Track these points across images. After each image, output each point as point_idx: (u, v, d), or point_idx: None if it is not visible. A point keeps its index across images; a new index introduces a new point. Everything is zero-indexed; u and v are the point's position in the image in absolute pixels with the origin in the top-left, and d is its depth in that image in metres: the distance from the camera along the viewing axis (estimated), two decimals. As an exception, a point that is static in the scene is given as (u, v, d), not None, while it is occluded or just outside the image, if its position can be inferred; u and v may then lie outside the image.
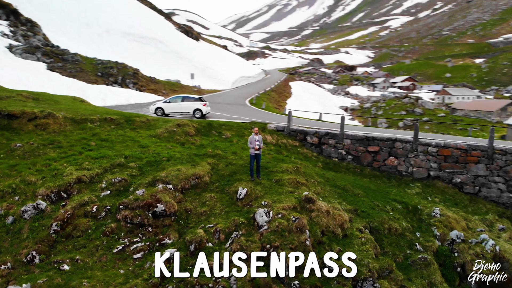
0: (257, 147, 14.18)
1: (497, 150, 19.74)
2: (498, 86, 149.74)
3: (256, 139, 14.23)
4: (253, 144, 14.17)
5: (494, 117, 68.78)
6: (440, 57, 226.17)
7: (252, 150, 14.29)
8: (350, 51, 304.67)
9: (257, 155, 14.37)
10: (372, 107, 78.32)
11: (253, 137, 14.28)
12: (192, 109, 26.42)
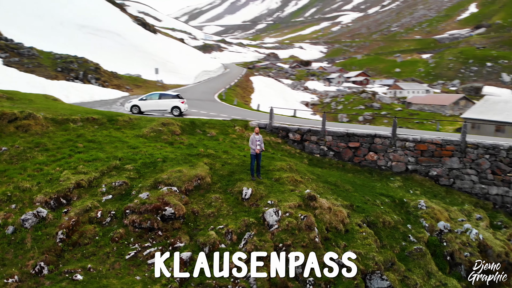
0: (259, 147, 14.29)
1: (469, 144, 21.15)
2: (444, 80, 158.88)
3: (257, 139, 14.34)
4: (255, 145, 14.26)
5: (448, 110, 73.29)
6: (389, 53, 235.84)
7: (253, 150, 14.35)
8: (304, 46, 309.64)
9: (258, 155, 14.50)
10: (332, 102, 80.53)
11: (254, 137, 14.36)
12: (170, 106, 25.96)
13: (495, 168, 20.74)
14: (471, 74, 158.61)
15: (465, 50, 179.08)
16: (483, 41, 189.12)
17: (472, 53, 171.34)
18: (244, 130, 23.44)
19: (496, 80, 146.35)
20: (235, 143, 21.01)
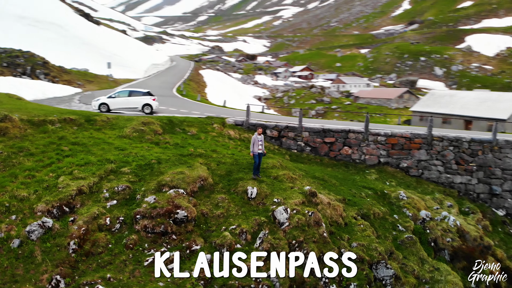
0: (260, 147, 14.44)
1: (435, 137, 22.85)
2: (382, 74, 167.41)
3: (259, 139, 14.49)
4: (256, 145, 14.39)
5: (393, 104, 77.81)
6: (330, 47, 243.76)
7: (255, 150, 14.46)
8: (247, 39, 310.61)
9: (260, 154, 14.66)
10: (284, 96, 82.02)
11: (256, 138, 14.49)
12: (141, 104, 25.25)
13: (458, 159, 22.63)
14: (406, 68, 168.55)
15: (400, 45, 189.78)
16: (416, 37, 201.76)
17: (407, 48, 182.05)
18: (222, 127, 23.43)
19: (430, 74, 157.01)
20: (218, 141, 20.99)
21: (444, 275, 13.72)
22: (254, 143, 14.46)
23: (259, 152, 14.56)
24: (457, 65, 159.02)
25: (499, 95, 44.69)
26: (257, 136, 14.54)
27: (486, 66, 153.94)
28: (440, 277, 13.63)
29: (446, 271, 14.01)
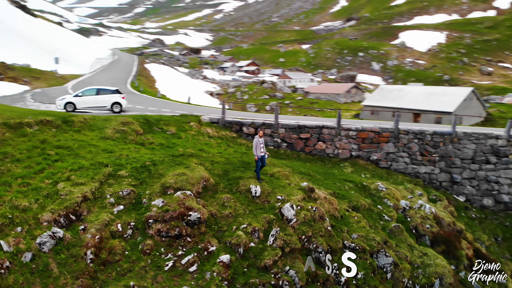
0: (262, 150, 14.54)
1: (401, 131, 24.41)
2: (324, 70, 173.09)
3: (261, 142, 14.58)
4: (259, 149, 14.45)
5: (341, 98, 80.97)
6: (273, 43, 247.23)
7: (256, 155, 14.53)
8: (189, 33, 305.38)
9: (263, 157, 14.72)
10: (237, 91, 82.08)
11: (257, 141, 14.46)
12: (109, 102, 24.29)
13: (422, 151, 24.39)
14: (346, 64, 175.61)
15: (340, 41, 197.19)
16: (354, 33, 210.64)
17: (346, 44, 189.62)
18: (199, 125, 23.27)
19: (368, 69, 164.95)
20: (199, 139, 20.87)
21: (432, 259, 14.92)
22: (256, 146, 14.40)
23: (262, 154, 14.62)
24: (393, 60, 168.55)
25: (444, 89, 48.46)
26: (258, 139, 14.56)
27: (419, 61, 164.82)
28: (429, 261, 14.80)
29: (433, 255, 15.24)
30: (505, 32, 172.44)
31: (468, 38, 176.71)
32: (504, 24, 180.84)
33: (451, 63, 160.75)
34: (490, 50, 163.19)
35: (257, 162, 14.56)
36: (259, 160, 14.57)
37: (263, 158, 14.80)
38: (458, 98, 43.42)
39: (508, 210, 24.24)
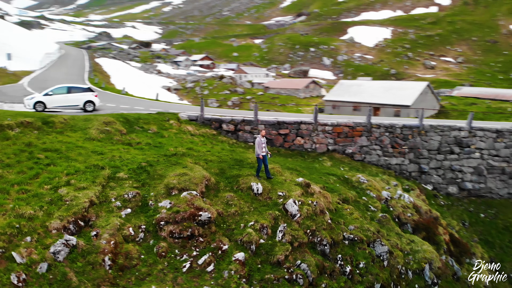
0: (264, 150, 14.70)
1: (373, 125, 25.57)
2: (277, 64, 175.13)
3: (263, 142, 14.73)
4: (261, 148, 14.58)
5: (301, 93, 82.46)
6: (225, 37, 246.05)
7: (258, 154, 14.64)
8: (137, 25, 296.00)
9: (264, 156, 14.86)
10: (195, 86, 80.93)
11: (260, 140, 14.58)
12: (82, 101, 23.37)
13: (393, 143, 25.72)
14: (298, 59, 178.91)
15: (291, 36, 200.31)
16: (305, 28, 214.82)
17: (297, 39, 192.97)
18: (179, 123, 23.03)
19: (319, 64, 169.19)
20: (183, 138, 20.69)
21: (420, 246, 15.96)
22: (258, 146, 14.53)
23: (263, 154, 14.76)
24: (342, 55, 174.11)
25: (401, 84, 51.01)
26: (261, 138, 14.70)
27: (367, 56, 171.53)
28: (417, 248, 15.82)
29: (420, 242, 16.29)
30: (447, 27, 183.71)
31: (412, 33, 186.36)
32: (446, 20, 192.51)
33: (397, 57, 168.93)
34: (432, 45, 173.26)
35: (259, 161, 14.71)
36: (263, 159, 14.70)
37: (264, 158, 14.89)
38: (415, 92, 46.08)
39: (471, 196, 26.26)
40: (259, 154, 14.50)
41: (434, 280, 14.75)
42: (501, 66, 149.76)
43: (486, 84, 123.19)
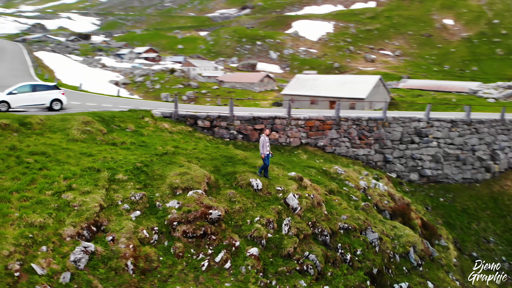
0: (268, 149, 14.93)
1: (342, 118, 26.72)
2: (224, 57, 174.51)
3: (267, 141, 14.95)
4: (265, 147, 14.81)
5: (256, 87, 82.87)
6: (168, 29, 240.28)
7: (263, 153, 14.85)
8: (72, 16, 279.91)
9: (268, 155, 15.10)
10: (145, 80, 78.38)
11: (264, 139, 14.79)
12: (48, 100, 22.23)
13: (360, 135, 27.08)
14: (245, 52, 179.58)
15: (237, 29, 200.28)
16: (251, 21, 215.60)
17: (244, 33, 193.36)
18: (154, 121, 22.66)
19: (266, 57, 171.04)
20: (162, 136, 20.45)
21: (402, 231, 17.16)
22: (263, 145, 14.73)
23: (266, 153, 15.00)
24: (288, 49, 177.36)
25: (355, 78, 53.31)
26: (265, 137, 14.90)
27: (311, 50, 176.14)
28: (400, 233, 17.00)
29: (402, 227, 17.52)
30: (385, 22, 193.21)
31: (353, 28, 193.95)
32: (383, 14, 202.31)
33: (339, 51, 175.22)
34: (372, 39, 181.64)
35: (264, 160, 14.96)
36: (266, 158, 14.93)
37: (267, 157, 15.07)
38: (369, 85, 48.48)
39: (430, 182, 28.40)
40: (263, 153, 14.76)
41: (419, 262, 16.00)
42: (435, 59, 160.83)
43: (422, 76, 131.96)
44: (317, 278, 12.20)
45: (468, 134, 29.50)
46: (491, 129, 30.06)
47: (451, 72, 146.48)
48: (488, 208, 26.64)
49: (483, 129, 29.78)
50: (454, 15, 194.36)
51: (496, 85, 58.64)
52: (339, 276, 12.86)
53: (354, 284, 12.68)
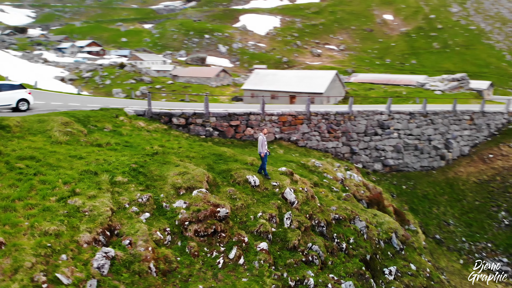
0: (266, 148, 15.20)
1: (312, 113, 27.66)
2: (172, 51, 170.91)
3: (265, 140, 15.24)
4: (264, 146, 15.07)
5: (213, 82, 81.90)
6: (110, 21, 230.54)
7: (261, 152, 15.12)
8: (5, 9, 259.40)
9: (266, 154, 15.38)
10: (94, 76, 74.77)
11: (263, 138, 15.07)
12: (15, 100, 21.05)
13: (329, 129, 28.20)
14: (193, 45, 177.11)
15: (184, 22, 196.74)
16: (198, 14, 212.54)
17: (191, 26, 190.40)
18: (130, 120, 22.15)
19: (215, 51, 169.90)
20: (143, 135, 20.09)
21: (383, 218, 18.32)
22: (262, 144, 15.01)
23: (265, 152, 15.26)
24: (237, 43, 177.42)
25: (313, 73, 54.77)
26: (263, 136, 15.17)
27: (260, 44, 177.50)
28: (381, 220, 18.14)
29: (382, 215, 18.68)
30: (329, 17, 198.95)
31: (299, 22, 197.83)
32: (327, 9, 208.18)
33: (287, 46, 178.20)
34: (317, 33, 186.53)
35: (263, 159, 15.25)
36: (265, 156, 15.21)
37: (265, 156, 15.33)
38: (326, 80, 50.13)
39: (392, 171, 30.24)
40: (261, 153, 15.06)
41: (401, 246, 17.22)
42: (377, 53, 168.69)
43: (365, 69, 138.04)
44: (321, 267, 12.85)
45: (424, 125, 31.72)
46: (444, 120, 32.55)
47: (392, 65, 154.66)
48: (445, 193, 28.95)
49: (437, 120, 32.17)
50: (393, 11, 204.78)
51: (441, 78, 63.31)
52: (338, 264, 13.61)
53: (353, 271, 13.50)
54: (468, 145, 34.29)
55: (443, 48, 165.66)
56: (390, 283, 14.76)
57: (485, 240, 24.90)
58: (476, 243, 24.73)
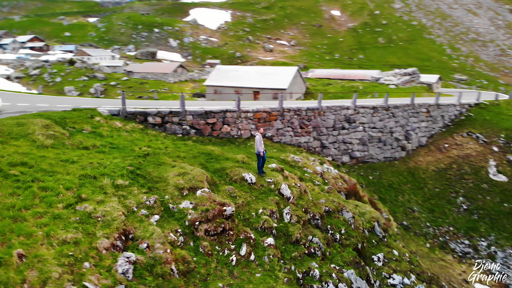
0: (263, 146, 15.46)
1: (285, 109, 28.32)
2: (120, 45, 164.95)
3: (261, 139, 15.47)
4: (261, 145, 15.29)
5: (170, 78, 79.91)
6: (52, 15, 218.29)
7: (258, 151, 15.33)
8: None
9: (263, 153, 15.61)
10: (42, 73, 70.43)
11: (260, 137, 15.31)
12: (-19, 102, 19.73)
13: (301, 124, 29.03)
14: (143, 40, 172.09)
15: (132, 16, 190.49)
16: (146, 8, 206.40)
17: (139, 19, 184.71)
18: (106, 120, 21.63)
19: (166, 45, 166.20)
20: (124, 135, 19.76)
21: (364, 208, 19.37)
22: (259, 143, 15.20)
23: (261, 151, 15.49)
24: (188, 37, 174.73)
25: (275, 69, 55.35)
26: (260, 136, 15.37)
27: (212, 39, 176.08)
28: (363, 210, 19.18)
29: (362, 205, 19.72)
30: (279, 12, 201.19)
31: (250, 17, 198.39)
32: (277, 5, 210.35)
33: (239, 41, 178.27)
34: (269, 29, 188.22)
35: (259, 158, 15.51)
36: (264, 155, 15.48)
37: (263, 154, 15.64)
38: (288, 76, 51.02)
39: (359, 163, 31.71)
40: (259, 152, 15.33)
41: (383, 234, 18.33)
42: (326, 48, 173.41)
43: (316, 64, 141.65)
44: (322, 258, 13.50)
45: (386, 118, 33.51)
46: (404, 112, 34.58)
47: (341, 60, 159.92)
48: (408, 182, 30.89)
49: (398, 113, 34.11)
50: (340, 6, 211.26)
51: (394, 73, 66.70)
52: (335, 254, 14.34)
53: (349, 260, 14.29)
54: (426, 136, 36.71)
55: (388, 43, 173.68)
56: (380, 269, 15.76)
57: (447, 224, 26.99)
58: (439, 228, 26.74)
